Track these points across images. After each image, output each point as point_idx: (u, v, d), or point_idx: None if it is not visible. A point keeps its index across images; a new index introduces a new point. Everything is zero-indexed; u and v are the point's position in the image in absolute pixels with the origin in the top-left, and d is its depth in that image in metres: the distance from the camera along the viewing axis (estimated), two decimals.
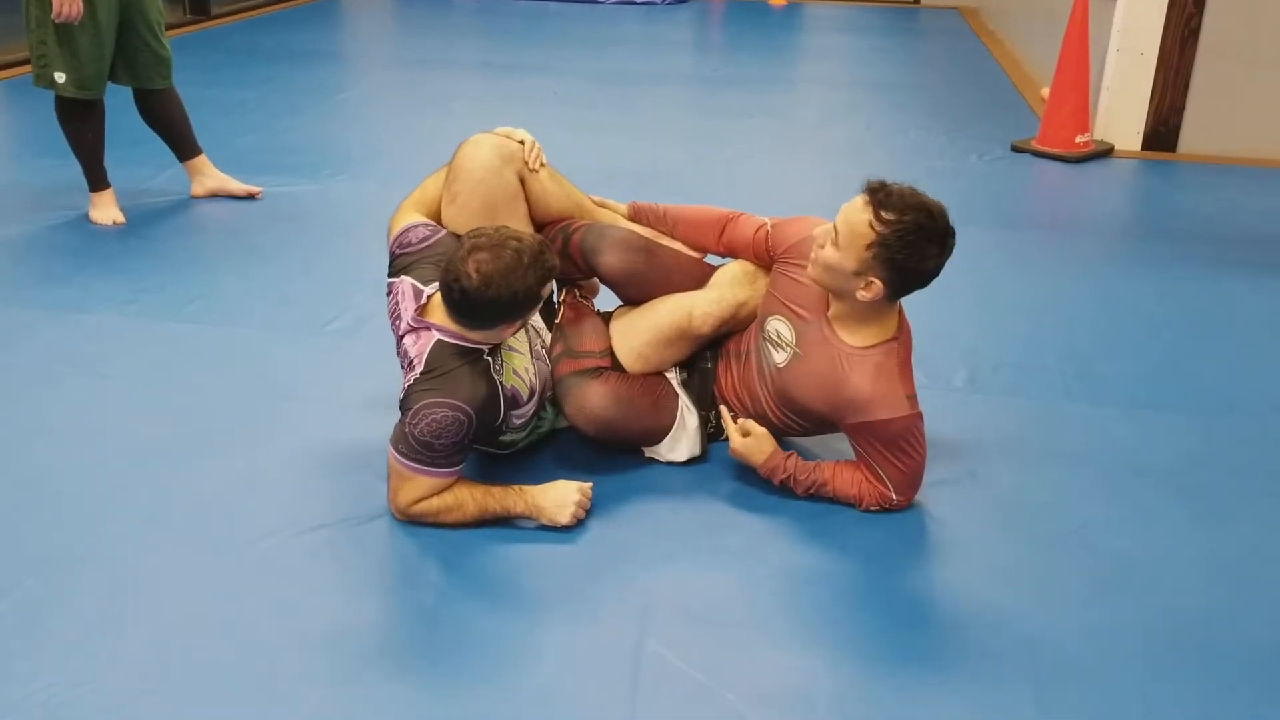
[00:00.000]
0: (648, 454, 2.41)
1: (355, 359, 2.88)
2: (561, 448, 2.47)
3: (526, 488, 2.18)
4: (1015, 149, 4.90)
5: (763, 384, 2.32)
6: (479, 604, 1.98)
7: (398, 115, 5.40)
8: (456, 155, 2.37)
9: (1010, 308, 3.25)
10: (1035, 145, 4.88)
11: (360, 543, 2.13)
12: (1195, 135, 4.87)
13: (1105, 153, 4.87)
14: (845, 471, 2.25)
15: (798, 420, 2.31)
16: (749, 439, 2.29)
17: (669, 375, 2.40)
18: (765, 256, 2.40)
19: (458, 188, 2.34)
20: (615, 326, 2.42)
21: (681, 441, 2.37)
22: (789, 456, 2.28)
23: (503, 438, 2.27)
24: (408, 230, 2.34)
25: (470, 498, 2.15)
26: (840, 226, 2.09)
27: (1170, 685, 1.81)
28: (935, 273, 2.13)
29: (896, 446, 2.16)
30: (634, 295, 2.42)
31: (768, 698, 1.77)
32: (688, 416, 2.37)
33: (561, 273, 2.44)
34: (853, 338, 2.19)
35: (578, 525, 2.17)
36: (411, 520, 2.16)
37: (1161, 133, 4.89)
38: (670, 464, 2.40)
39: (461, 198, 2.33)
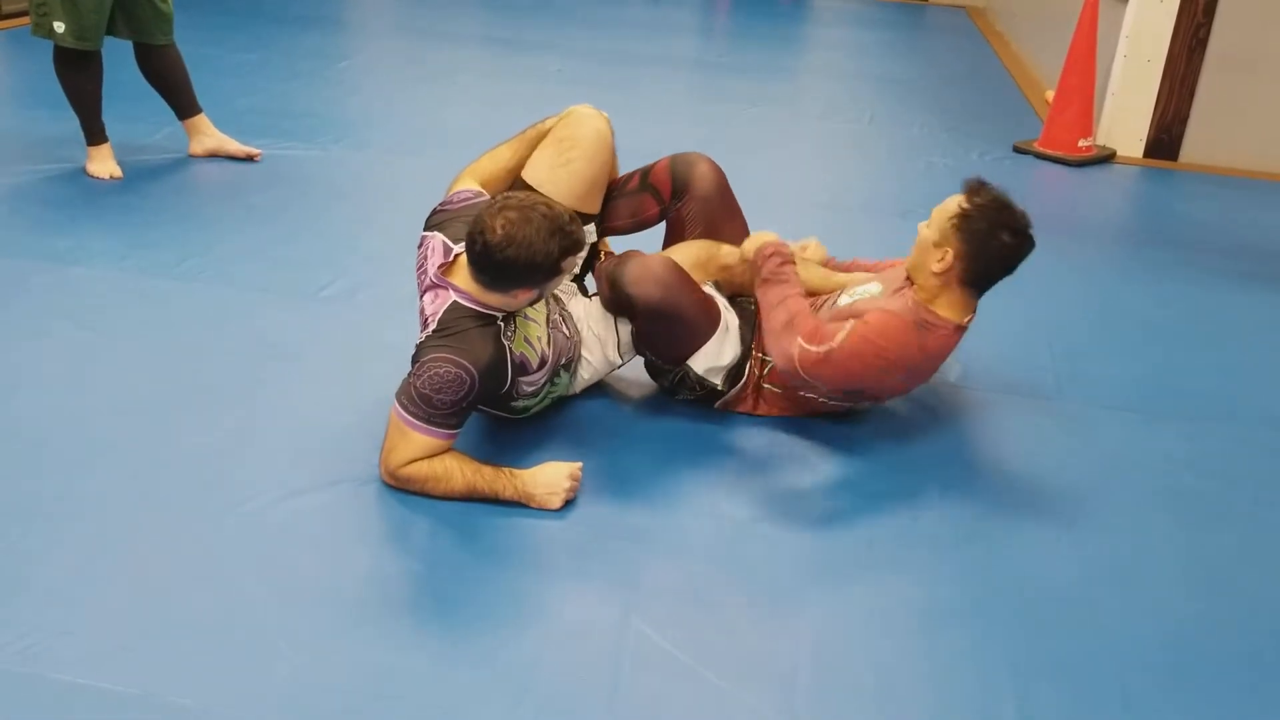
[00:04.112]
0: (697, 368, 2.40)
1: (348, 325, 2.86)
2: (556, 418, 2.46)
3: (517, 472, 2.15)
4: (1017, 150, 4.90)
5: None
6: (465, 574, 1.97)
7: (399, 84, 5.37)
8: (573, 125, 2.45)
9: (1005, 306, 3.24)
10: (1037, 147, 4.88)
11: (347, 508, 2.12)
12: (1198, 145, 4.87)
13: (1107, 158, 4.87)
14: (808, 310, 2.34)
15: None
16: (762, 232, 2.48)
17: (706, 287, 2.49)
18: None
19: (574, 154, 2.42)
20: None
21: (726, 345, 2.42)
22: (791, 253, 2.44)
23: (514, 404, 2.28)
24: (458, 192, 2.38)
25: (460, 472, 2.13)
26: (935, 211, 2.33)
27: (1151, 685, 1.82)
28: (1003, 260, 2.29)
29: (868, 326, 2.25)
30: (714, 212, 2.53)
31: (749, 679, 1.77)
32: (729, 317, 2.45)
33: (630, 214, 2.57)
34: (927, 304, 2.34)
35: (567, 505, 2.16)
36: (399, 484, 2.15)
37: (1164, 141, 4.89)
38: (669, 434, 2.39)
39: (577, 164, 2.42)
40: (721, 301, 2.47)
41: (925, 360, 2.33)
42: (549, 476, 2.15)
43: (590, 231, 2.53)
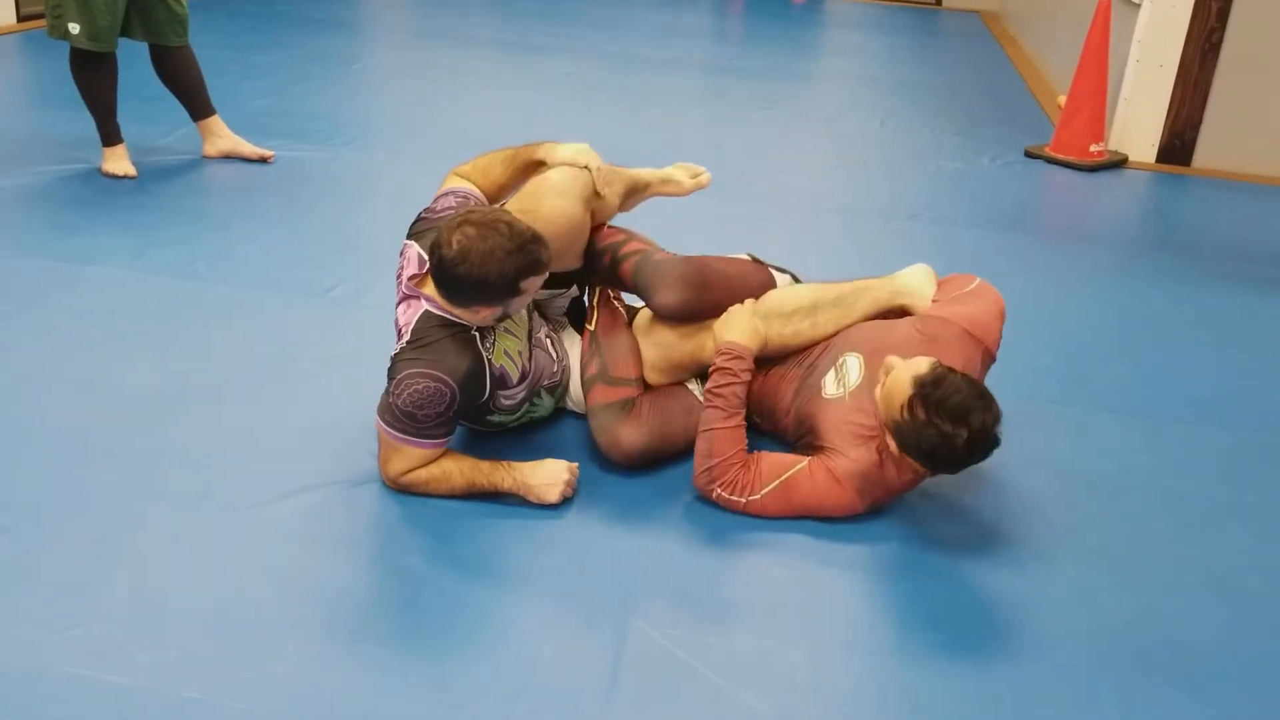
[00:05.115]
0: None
1: (354, 325, 2.88)
2: (551, 427, 2.47)
3: (515, 464, 2.18)
4: (1029, 154, 4.90)
5: (797, 396, 2.32)
6: (465, 573, 1.99)
7: (411, 87, 5.40)
8: (538, 197, 2.26)
9: (1013, 310, 3.23)
10: (1049, 152, 4.87)
11: (350, 506, 2.14)
12: (1210, 150, 4.86)
13: (1119, 163, 4.86)
14: (731, 450, 2.17)
15: (799, 438, 2.31)
16: (740, 311, 2.29)
17: (691, 388, 2.40)
18: None
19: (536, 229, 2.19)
20: (637, 329, 2.42)
21: None
22: (747, 368, 2.24)
23: (490, 417, 2.27)
24: (444, 195, 2.33)
25: (458, 471, 2.15)
26: (888, 380, 2.07)
27: (1147, 686, 1.82)
28: (950, 473, 2.12)
29: (810, 481, 2.14)
30: (686, 325, 2.37)
31: (747, 677, 1.77)
32: None
33: (607, 283, 2.45)
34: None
35: (565, 503, 2.18)
36: (401, 489, 2.17)
37: (1177, 146, 4.88)
38: None
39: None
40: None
41: (880, 498, 2.18)
42: (548, 470, 2.16)
43: (574, 289, 2.49)
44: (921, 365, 2.05)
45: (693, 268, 2.34)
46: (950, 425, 1.98)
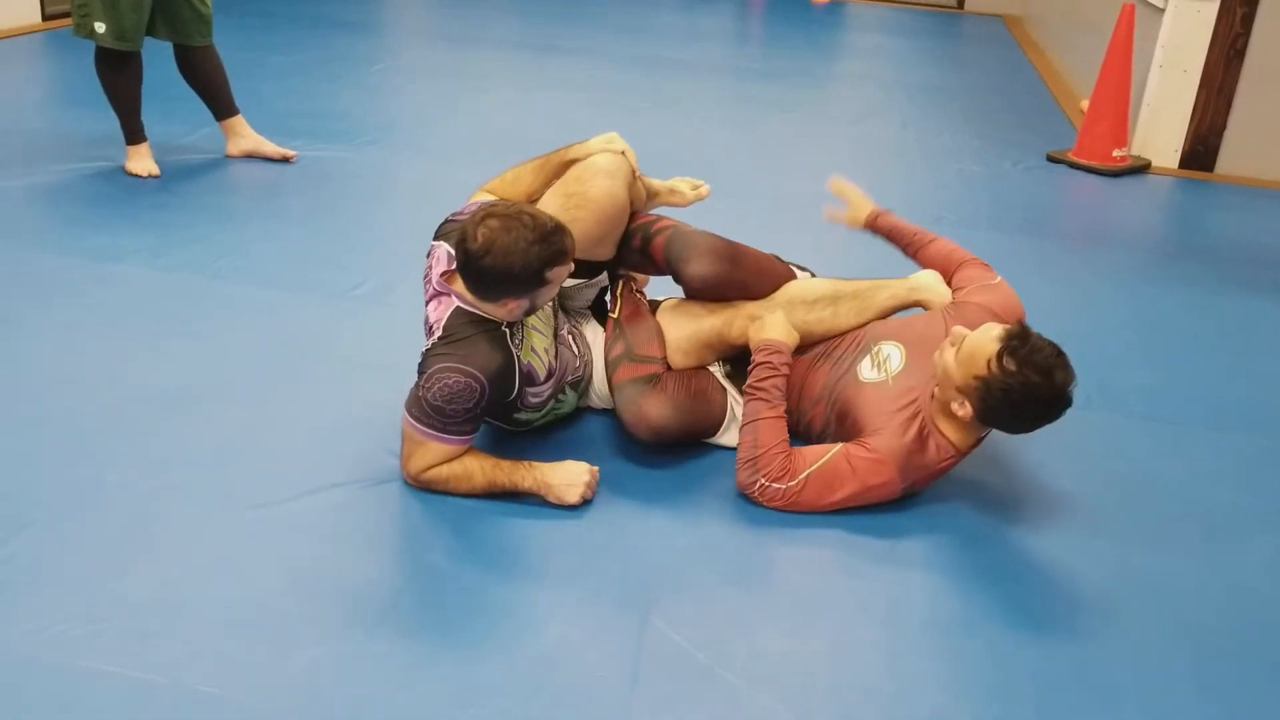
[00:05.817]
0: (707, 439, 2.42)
1: (377, 324, 2.89)
2: (572, 428, 2.47)
3: (536, 464, 2.19)
4: (1051, 159, 4.87)
5: (828, 385, 2.33)
6: (486, 572, 1.99)
7: (432, 88, 5.41)
8: (584, 181, 2.31)
9: (1035, 314, 3.22)
10: (1071, 157, 4.85)
11: (371, 504, 2.15)
12: (1234, 156, 4.82)
13: (1142, 169, 4.83)
14: (776, 442, 2.20)
15: (828, 425, 2.32)
16: (774, 314, 2.33)
17: (714, 370, 2.43)
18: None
19: (581, 213, 2.28)
20: (661, 314, 2.45)
21: (731, 429, 2.39)
22: (786, 362, 2.30)
23: (517, 415, 2.28)
24: (472, 205, 2.34)
25: (479, 469, 2.16)
26: (967, 342, 2.11)
27: (1173, 696, 1.81)
28: (1020, 428, 2.16)
29: (848, 463, 2.16)
30: (714, 300, 2.42)
31: (766, 679, 1.77)
32: (737, 408, 2.39)
33: (635, 267, 2.48)
34: (939, 420, 2.19)
35: (585, 505, 2.18)
36: (421, 486, 2.17)
37: (1200, 152, 4.85)
38: (678, 450, 2.40)
39: (583, 224, 2.26)
40: (732, 396, 2.40)
41: (918, 480, 2.20)
42: (568, 471, 2.17)
43: (603, 278, 2.50)
44: (998, 327, 2.10)
45: (724, 243, 2.39)
46: (1039, 376, 2.02)
